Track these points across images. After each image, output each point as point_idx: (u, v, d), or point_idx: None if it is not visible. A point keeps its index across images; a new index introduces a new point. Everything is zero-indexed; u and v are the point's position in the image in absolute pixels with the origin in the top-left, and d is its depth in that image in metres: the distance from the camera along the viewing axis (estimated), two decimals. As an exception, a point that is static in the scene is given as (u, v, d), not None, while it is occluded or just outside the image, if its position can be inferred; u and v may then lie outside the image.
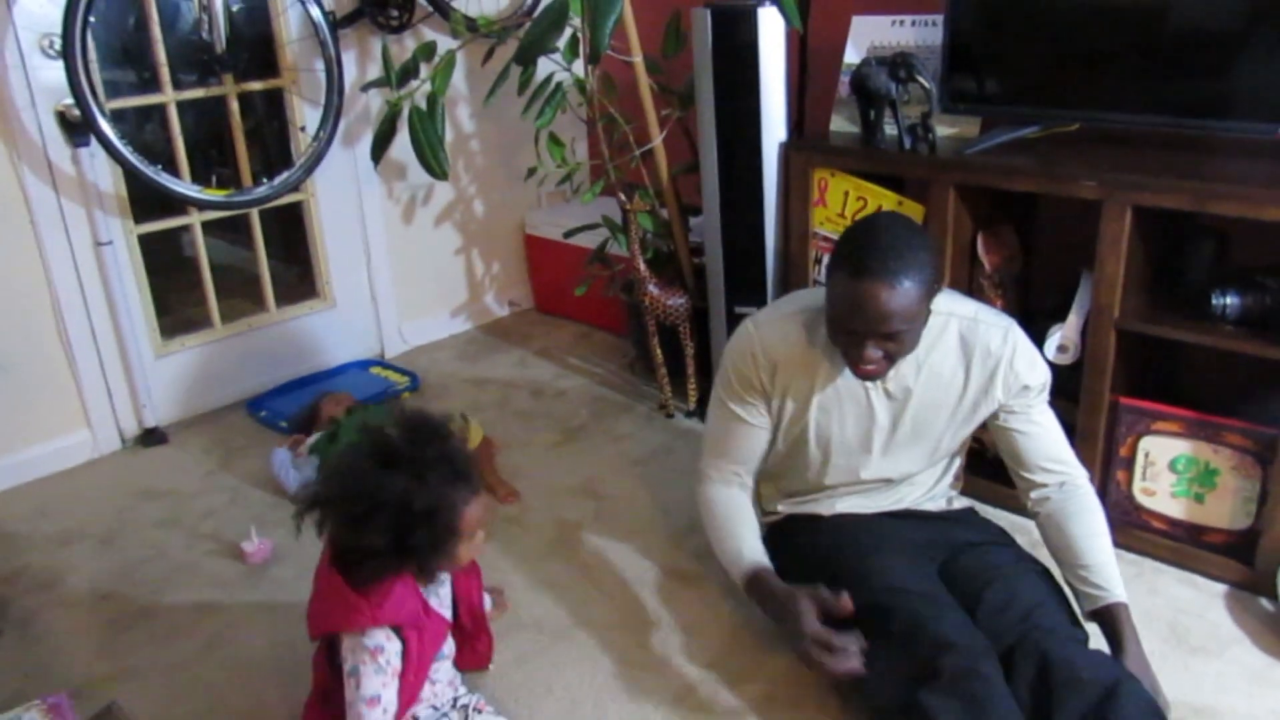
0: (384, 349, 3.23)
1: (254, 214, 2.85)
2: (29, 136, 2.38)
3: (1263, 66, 1.78)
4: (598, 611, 1.97)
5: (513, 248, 3.46)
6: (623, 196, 2.56)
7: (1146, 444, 1.99)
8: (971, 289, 2.21)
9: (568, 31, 2.31)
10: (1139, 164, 1.93)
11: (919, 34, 2.29)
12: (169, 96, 2.60)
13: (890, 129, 2.22)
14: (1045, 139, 2.13)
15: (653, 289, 2.63)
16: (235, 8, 2.79)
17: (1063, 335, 2.04)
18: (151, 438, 2.72)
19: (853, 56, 2.39)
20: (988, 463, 2.28)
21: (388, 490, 1.43)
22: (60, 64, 2.19)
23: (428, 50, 2.33)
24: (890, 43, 2.33)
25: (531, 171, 2.68)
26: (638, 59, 2.40)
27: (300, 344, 3.04)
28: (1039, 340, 2.06)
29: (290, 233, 3.09)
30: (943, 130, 2.25)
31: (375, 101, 2.92)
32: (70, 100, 2.29)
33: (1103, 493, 2.05)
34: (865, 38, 2.37)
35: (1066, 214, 2.17)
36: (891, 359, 1.60)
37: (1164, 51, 1.89)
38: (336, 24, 2.68)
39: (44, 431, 2.58)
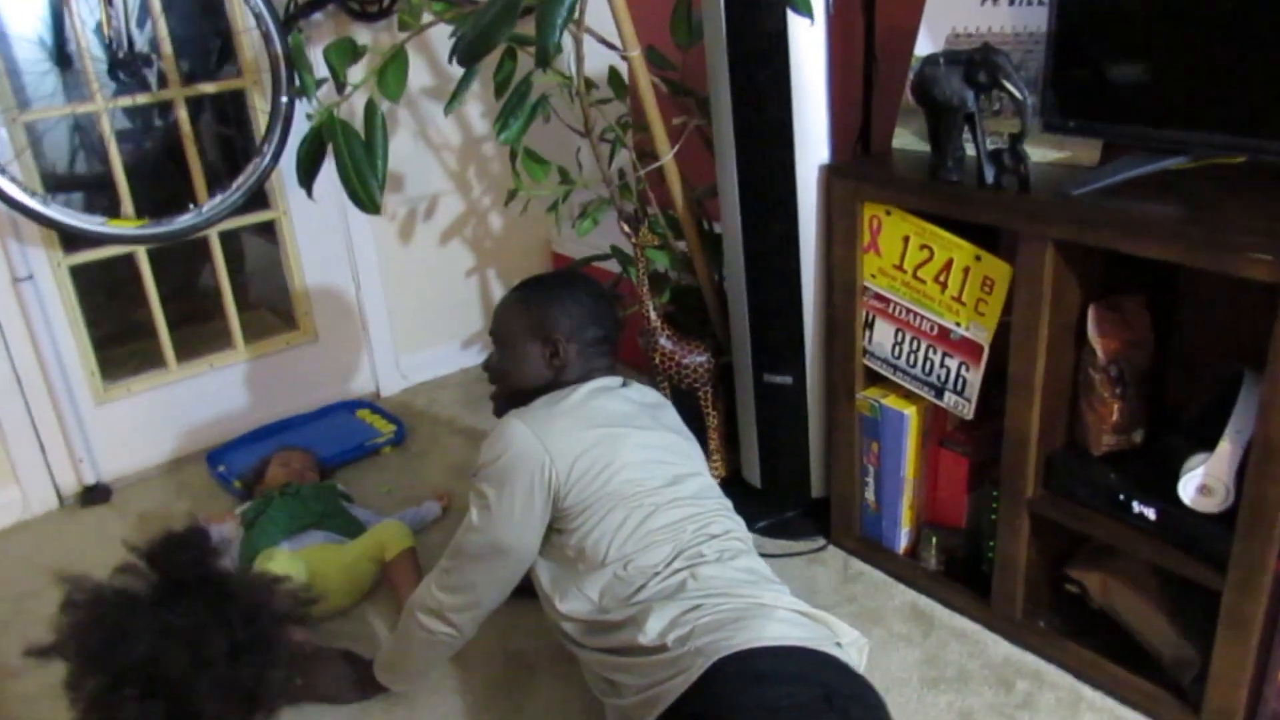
0: (379, 387, 2.78)
1: (213, 236, 2.43)
2: (-76, 154, 2.01)
3: None
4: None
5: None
6: (626, 229, 2.00)
7: (1333, 641, 1.32)
8: (1076, 382, 1.57)
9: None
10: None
11: (1018, 16, 1.63)
12: (100, 105, 2.19)
13: (971, 150, 1.58)
14: (1198, 173, 1.46)
15: (664, 343, 2.07)
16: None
17: (1207, 471, 1.37)
18: (92, 496, 2.36)
19: (926, 47, 1.75)
20: (1095, 617, 1.64)
21: None
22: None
23: (344, 52, 1.82)
24: (978, 28, 1.68)
25: (512, 194, 2.15)
26: (634, 53, 1.82)
27: (276, 384, 2.62)
28: (1174, 474, 1.41)
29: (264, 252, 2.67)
30: (1049, 154, 1.60)
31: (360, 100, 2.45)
32: None
33: (1254, 702, 1.40)
34: (944, 20, 1.72)
35: (1228, 287, 1.49)
36: (498, 374, 1.71)
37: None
38: (297, 12, 2.21)
39: (-35, 490, 2.25)
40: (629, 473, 1.50)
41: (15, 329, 2.19)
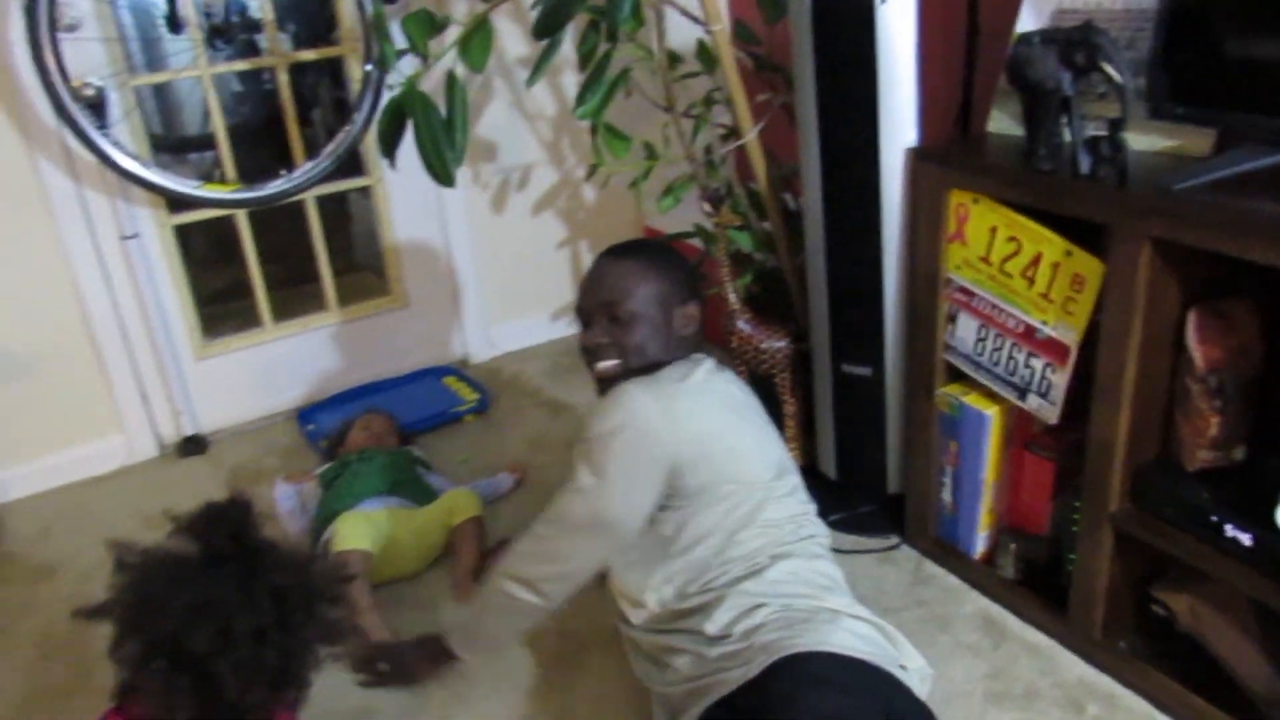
0: (469, 355, 2.81)
1: (309, 201, 2.48)
2: (43, 120, 2.11)
3: None
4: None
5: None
6: (707, 207, 1.95)
7: None
8: (1172, 390, 1.45)
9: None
10: None
11: (1131, -9, 1.50)
12: (204, 70, 2.25)
13: (1069, 136, 1.47)
14: (1320, 168, 1.32)
15: (743, 326, 2.01)
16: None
17: (1310, 499, 1.25)
18: (190, 447, 2.46)
19: (1029, 23, 1.63)
20: (1180, 643, 1.53)
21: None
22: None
23: (423, 23, 1.80)
24: (1084, 5, 1.55)
25: (592, 170, 2.11)
26: (717, 27, 1.76)
27: (367, 347, 2.68)
28: (1270, 501, 1.29)
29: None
30: (1157, 142, 1.47)
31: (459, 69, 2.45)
32: (91, 79, 2.00)
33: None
34: (1049, -3, 1.60)
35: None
36: (618, 347, 1.51)
37: None
38: (392, -22, 2.21)
39: (75, 435, 2.37)
40: (746, 461, 1.46)
41: (122, 285, 2.30)
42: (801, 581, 1.41)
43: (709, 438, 1.42)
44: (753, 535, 1.43)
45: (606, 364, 1.52)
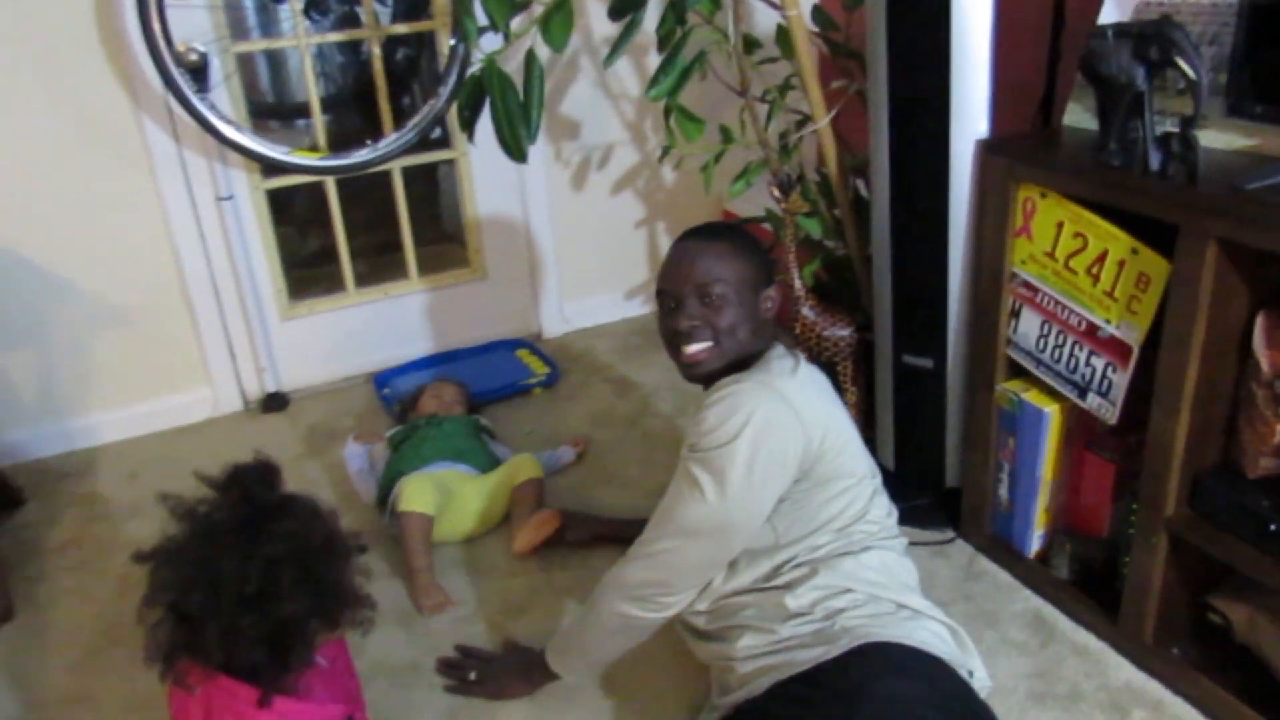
0: (542, 329, 2.87)
1: (395, 171, 2.56)
2: (149, 83, 2.22)
3: None
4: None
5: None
6: (776, 193, 1.95)
7: None
8: (1236, 396, 1.41)
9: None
10: None
11: (1219, -16, 1.46)
12: (301, 40, 2.34)
13: (1142, 131, 1.44)
14: (1406, 172, 1.27)
15: (807, 313, 2.02)
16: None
17: (1371, 513, 1.21)
18: (272, 403, 2.58)
19: (1112, 15, 1.59)
20: (1237, 653, 1.49)
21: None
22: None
23: (503, 2, 1.81)
24: (1170, -3, 1.52)
25: (665, 151, 2.13)
26: (793, 12, 1.76)
27: (445, 317, 2.75)
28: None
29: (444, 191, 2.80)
30: (1235, 140, 1.43)
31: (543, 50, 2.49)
32: (195, 44, 2.10)
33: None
34: (1134, -13, 1.57)
35: None
36: (712, 329, 1.44)
37: None
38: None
39: (165, 385, 2.51)
40: (854, 456, 1.46)
41: (216, 244, 2.41)
42: (891, 575, 1.42)
43: (830, 432, 1.40)
44: (859, 528, 1.44)
45: (699, 346, 1.46)
